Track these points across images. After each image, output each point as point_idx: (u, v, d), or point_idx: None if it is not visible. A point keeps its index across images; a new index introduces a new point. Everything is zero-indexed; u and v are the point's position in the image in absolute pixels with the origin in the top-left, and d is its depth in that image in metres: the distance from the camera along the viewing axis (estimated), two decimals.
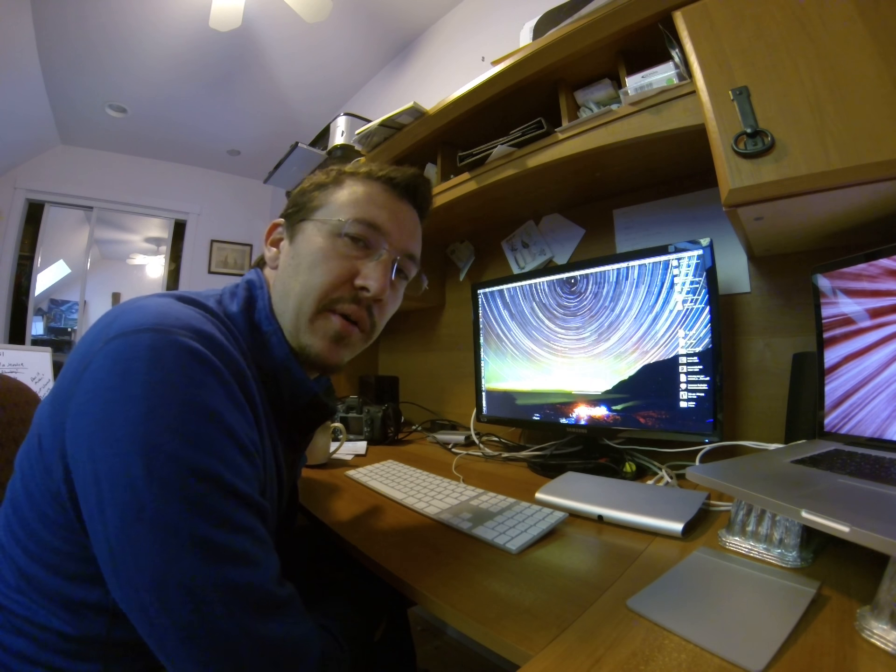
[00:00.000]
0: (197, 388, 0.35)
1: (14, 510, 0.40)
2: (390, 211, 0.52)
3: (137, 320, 0.36)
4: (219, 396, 0.37)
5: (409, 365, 1.68)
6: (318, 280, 0.48)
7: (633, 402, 0.84)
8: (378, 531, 0.62)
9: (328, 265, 0.48)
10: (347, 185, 0.52)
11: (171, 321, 0.37)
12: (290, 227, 0.53)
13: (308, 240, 0.50)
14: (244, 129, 3.17)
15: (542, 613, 0.40)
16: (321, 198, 0.52)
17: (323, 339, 0.49)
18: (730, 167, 0.57)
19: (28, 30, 2.09)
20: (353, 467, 0.94)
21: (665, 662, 0.32)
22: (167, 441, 0.33)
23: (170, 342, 0.35)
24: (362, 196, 0.51)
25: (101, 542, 0.33)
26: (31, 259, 3.28)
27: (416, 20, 2.14)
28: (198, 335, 0.38)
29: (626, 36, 0.79)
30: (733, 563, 0.47)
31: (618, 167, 0.93)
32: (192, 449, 0.34)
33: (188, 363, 0.35)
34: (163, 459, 0.32)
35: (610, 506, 0.62)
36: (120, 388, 0.33)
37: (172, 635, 0.32)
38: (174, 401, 0.34)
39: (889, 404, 0.54)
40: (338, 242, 0.49)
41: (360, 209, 0.50)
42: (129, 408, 0.33)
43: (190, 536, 0.32)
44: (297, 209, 0.53)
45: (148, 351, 0.34)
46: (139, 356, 0.34)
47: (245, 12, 1.94)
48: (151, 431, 0.32)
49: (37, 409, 0.42)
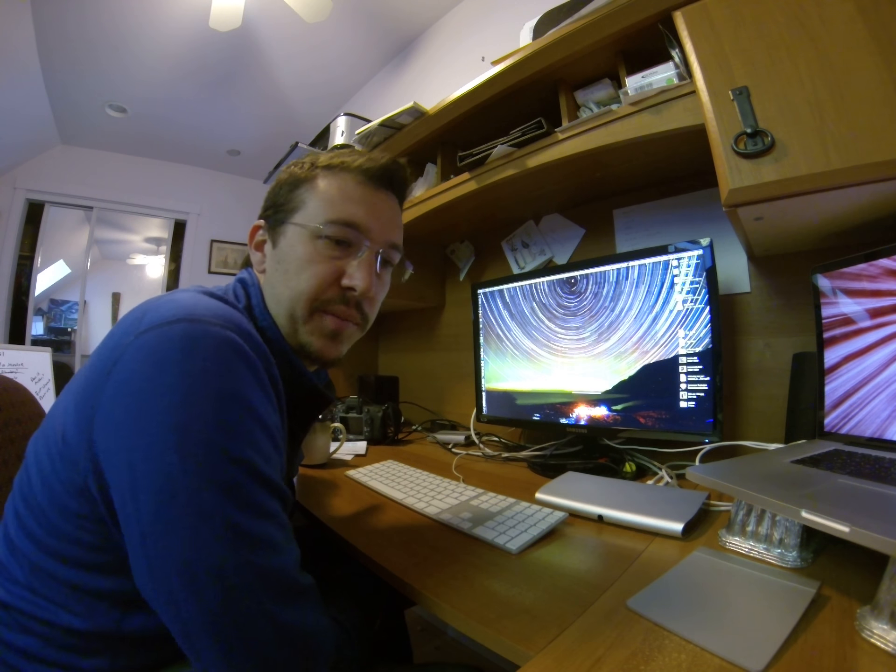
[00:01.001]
0: (231, 376, 0.36)
1: (27, 506, 0.40)
2: (367, 205, 0.51)
3: (169, 313, 0.37)
4: (251, 385, 0.38)
5: (409, 365, 1.68)
6: (305, 285, 0.48)
7: (633, 402, 0.84)
8: (378, 531, 0.62)
9: (313, 270, 0.49)
10: (321, 181, 0.51)
11: (203, 311, 0.38)
12: (271, 229, 0.52)
13: (290, 245, 0.50)
14: (244, 129, 3.17)
15: (542, 613, 0.40)
16: (297, 197, 0.51)
17: (320, 337, 0.50)
18: (730, 167, 0.57)
19: (28, 30, 2.09)
20: (353, 467, 0.94)
21: (665, 662, 0.32)
22: (202, 428, 0.33)
23: (204, 332, 0.36)
24: (336, 193, 0.50)
25: (133, 529, 0.34)
26: (31, 259, 3.28)
27: (416, 20, 2.14)
28: (230, 324, 0.38)
29: (626, 36, 0.79)
30: (733, 563, 0.47)
31: (618, 167, 0.93)
32: (226, 436, 0.34)
33: (222, 352, 0.36)
34: (198, 446, 0.33)
35: (610, 506, 0.62)
36: (155, 378, 0.34)
37: (198, 621, 0.32)
38: (210, 389, 0.34)
39: (889, 404, 0.54)
40: (319, 245, 0.49)
41: (335, 209, 0.49)
42: (165, 396, 0.33)
43: (223, 522, 0.33)
44: (275, 210, 0.52)
45: (183, 340, 0.35)
46: (174, 346, 0.35)
47: (245, 12, 1.94)
48: (187, 418, 0.33)
49: (54, 406, 0.43)
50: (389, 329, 1.80)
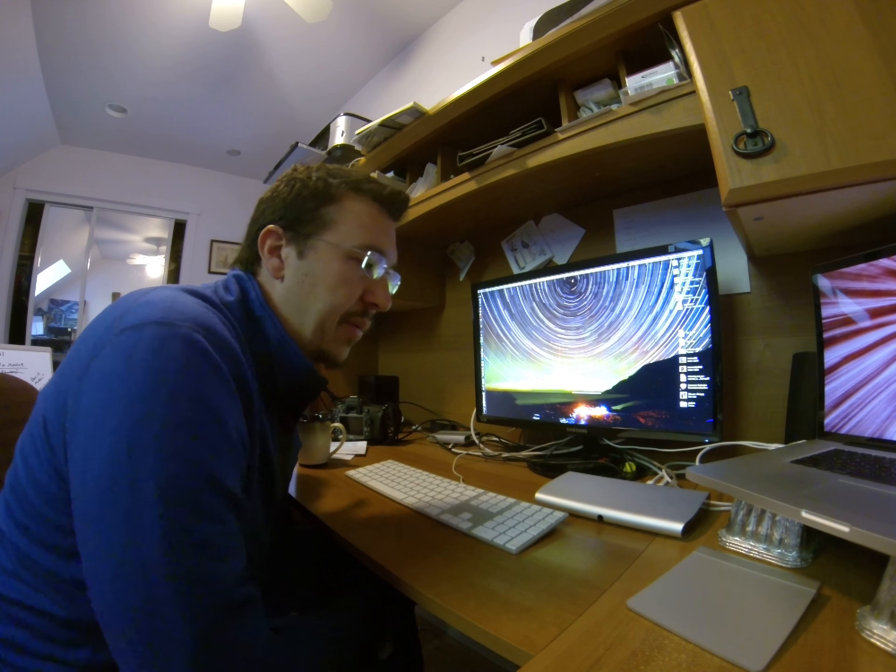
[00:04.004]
0: (193, 376, 0.38)
1: (15, 495, 0.41)
2: (388, 235, 0.59)
3: (146, 315, 0.39)
4: (213, 386, 0.39)
5: (409, 365, 1.68)
6: (340, 301, 0.54)
7: (633, 402, 0.84)
8: (378, 531, 0.62)
9: (347, 288, 0.54)
10: (354, 204, 0.56)
11: (176, 315, 0.40)
12: (295, 239, 0.55)
13: (323, 261, 0.54)
14: (244, 129, 3.17)
15: (542, 613, 0.40)
16: (326, 215, 0.54)
17: (342, 344, 0.58)
18: (730, 167, 0.57)
19: (28, 30, 2.09)
20: (353, 467, 0.94)
21: (665, 662, 0.32)
22: (158, 423, 0.35)
23: (173, 334, 0.38)
24: (368, 221, 0.56)
25: (79, 512, 0.35)
26: (31, 259, 3.28)
27: (416, 20, 2.14)
28: (200, 327, 0.40)
29: (626, 36, 0.79)
30: (733, 563, 0.47)
31: (618, 167, 0.93)
32: (178, 432, 0.35)
33: (188, 353, 0.38)
34: (150, 439, 0.34)
35: (610, 506, 0.62)
36: (123, 375, 0.36)
37: (119, 619, 0.32)
38: (171, 388, 0.36)
39: (889, 404, 0.54)
40: (351, 265, 0.55)
41: (370, 236, 0.56)
42: (129, 391, 0.35)
43: (157, 516, 0.33)
44: (298, 221, 0.54)
45: (152, 342, 0.37)
46: (144, 346, 0.37)
47: (245, 12, 1.94)
48: (145, 413, 0.35)
49: (39, 396, 0.44)
50: (389, 329, 1.80)
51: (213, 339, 0.41)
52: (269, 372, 0.52)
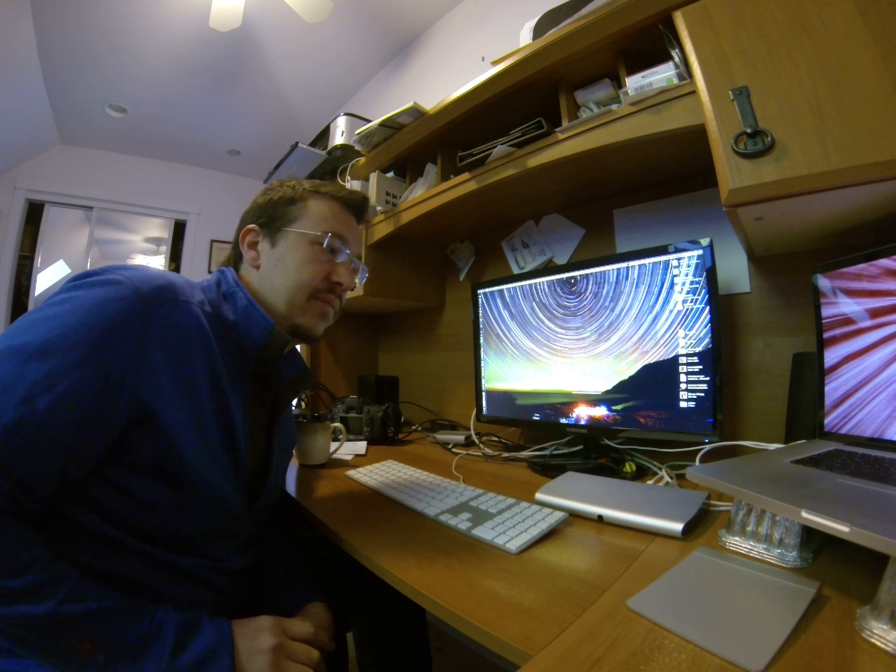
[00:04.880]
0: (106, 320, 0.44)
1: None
2: (348, 225, 0.69)
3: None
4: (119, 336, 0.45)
5: (409, 365, 1.68)
6: (307, 278, 0.63)
7: (633, 402, 0.84)
8: (378, 531, 0.62)
9: (313, 267, 0.63)
10: (316, 203, 0.66)
11: (128, 271, 0.49)
12: (269, 233, 0.65)
13: (293, 247, 0.64)
14: (244, 129, 3.17)
15: (542, 613, 0.40)
16: (293, 211, 0.65)
17: (312, 317, 0.65)
18: (730, 167, 0.57)
19: (28, 30, 2.09)
20: (353, 467, 0.94)
21: (665, 662, 0.32)
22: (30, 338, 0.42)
23: (112, 280, 0.47)
24: (329, 213, 0.66)
25: None
26: (31, 259, 3.28)
27: (416, 20, 2.14)
28: (146, 282, 0.48)
29: (626, 36, 0.79)
30: (733, 563, 0.47)
31: (618, 167, 0.93)
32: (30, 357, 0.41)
33: (115, 304, 0.45)
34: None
35: (610, 506, 0.62)
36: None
37: None
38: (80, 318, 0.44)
39: (889, 404, 0.54)
40: (316, 249, 0.64)
41: (330, 224, 0.66)
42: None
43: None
44: (270, 218, 0.65)
45: (102, 288, 0.47)
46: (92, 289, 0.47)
47: (245, 12, 1.94)
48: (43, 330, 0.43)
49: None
50: (389, 329, 1.80)
51: (157, 291, 0.49)
52: (239, 341, 0.59)
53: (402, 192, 1.32)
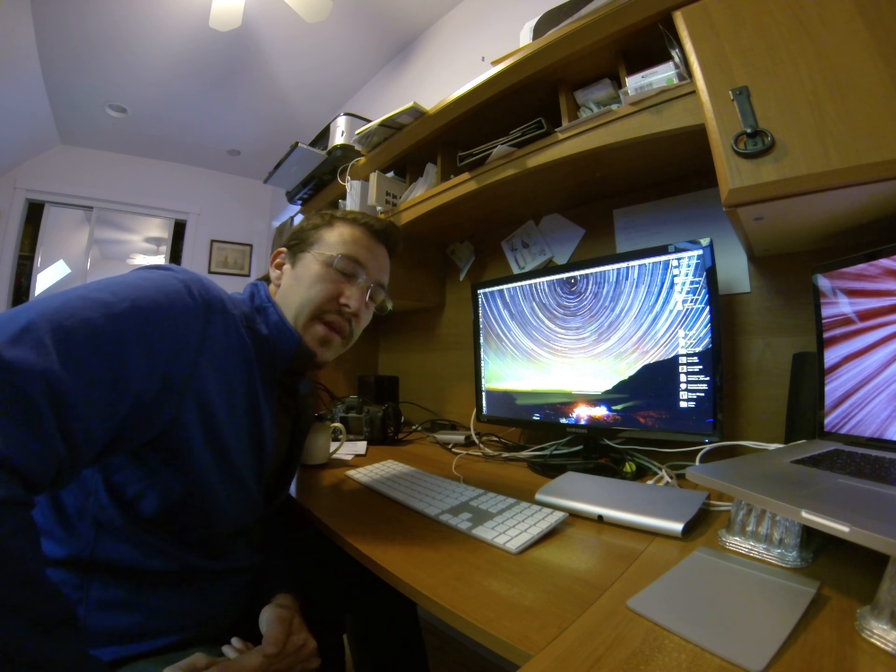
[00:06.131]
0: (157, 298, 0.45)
1: None
2: (368, 250, 0.68)
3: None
4: (168, 317, 0.45)
5: (409, 365, 1.68)
6: (314, 295, 0.63)
7: (633, 402, 0.84)
8: (378, 532, 0.62)
9: (321, 286, 0.63)
10: (337, 227, 0.68)
11: (189, 274, 0.51)
12: (292, 255, 0.68)
13: (306, 266, 0.65)
14: (244, 129, 3.17)
15: (542, 613, 0.40)
16: (316, 235, 0.68)
17: (312, 339, 0.63)
18: (730, 167, 0.57)
19: (28, 30, 2.09)
20: (353, 467, 0.94)
21: (665, 662, 0.32)
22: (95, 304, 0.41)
23: (173, 277, 0.49)
24: (349, 237, 0.67)
25: None
26: (31, 259, 3.28)
27: (416, 20, 2.14)
28: (199, 286, 0.50)
29: (626, 36, 0.79)
30: (733, 563, 0.47)
31: (618, 167, 0.93)
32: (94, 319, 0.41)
33: (172, 285, 0.47)
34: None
35: (610, 506, 0.62)
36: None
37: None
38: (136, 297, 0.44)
39: (889, 404, 0.54)
40: (329, 270, 0.64)
41: (347, 247, 0.66)
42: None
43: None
44: (298, 242, 0.68)
45: (152, 274, 0.49)
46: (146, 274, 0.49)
47: (245, 12, 1.94)
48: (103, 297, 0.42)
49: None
50: (389, 329, 1.80)
51: (217, 300, 0.51)
52: (271, 353, 0.60)
53: (402, 192, 1.32)
